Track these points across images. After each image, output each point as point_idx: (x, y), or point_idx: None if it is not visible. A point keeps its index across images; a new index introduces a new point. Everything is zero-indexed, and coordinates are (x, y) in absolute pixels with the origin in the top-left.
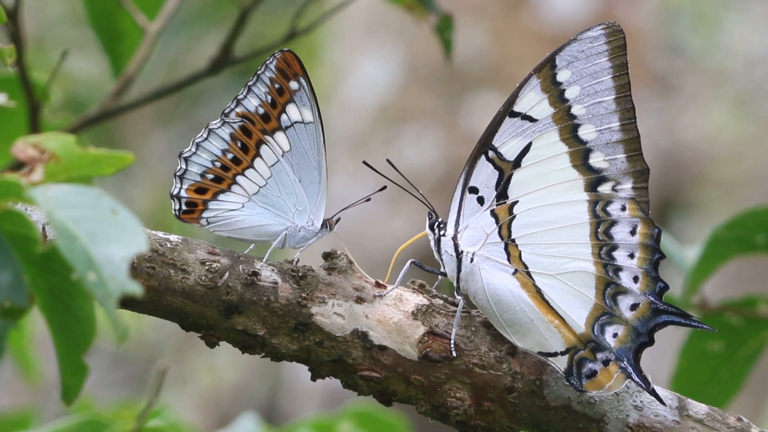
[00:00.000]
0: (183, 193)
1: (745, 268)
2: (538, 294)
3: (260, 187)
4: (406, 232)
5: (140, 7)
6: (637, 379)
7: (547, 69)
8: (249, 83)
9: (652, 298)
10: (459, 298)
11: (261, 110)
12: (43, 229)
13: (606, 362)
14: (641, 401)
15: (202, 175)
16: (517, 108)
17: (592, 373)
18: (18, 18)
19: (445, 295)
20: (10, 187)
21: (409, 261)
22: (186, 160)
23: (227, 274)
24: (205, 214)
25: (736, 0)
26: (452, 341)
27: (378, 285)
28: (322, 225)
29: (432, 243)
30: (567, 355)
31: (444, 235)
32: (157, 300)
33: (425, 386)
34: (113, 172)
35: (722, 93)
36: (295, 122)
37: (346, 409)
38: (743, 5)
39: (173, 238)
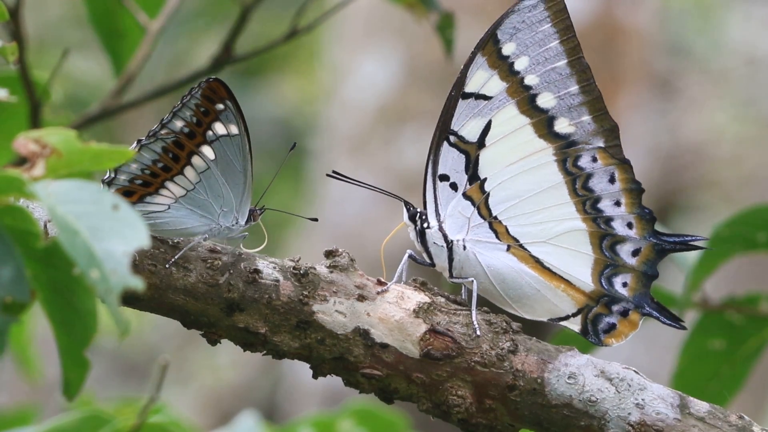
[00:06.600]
0: None
1: (746, 266)
2: (538, 263)
3: (188, 190)
4: (406, 232)
5: (141, 5)
6: (666, 321)
7: (490, 45)
8: (174, 110)
9: (654, 240)
10: (470, 280)
11: (186, 129)
12: (45, 224)
13: (624, 313)
14: (642, 399)
15: (131, 181)
16: (468, 89)
17: (611, 327)
18: (19, 16)
19: (446, 293)
20: (11, 182)
21: (407, 253)
22: (115, 170)
23: (229, 271)
24: None
25: (739, 1)
26: (474, 320)
27: (380, 283)
28: (247, 220)
29: (412, 234)
30: (580, 316)
31: (429, 227)
32: (159, 297)
33: (427, 384)
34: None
35: (724, 94)
36: (221, 136)
37: (346, 407)
38: (746, 6)
39: None
